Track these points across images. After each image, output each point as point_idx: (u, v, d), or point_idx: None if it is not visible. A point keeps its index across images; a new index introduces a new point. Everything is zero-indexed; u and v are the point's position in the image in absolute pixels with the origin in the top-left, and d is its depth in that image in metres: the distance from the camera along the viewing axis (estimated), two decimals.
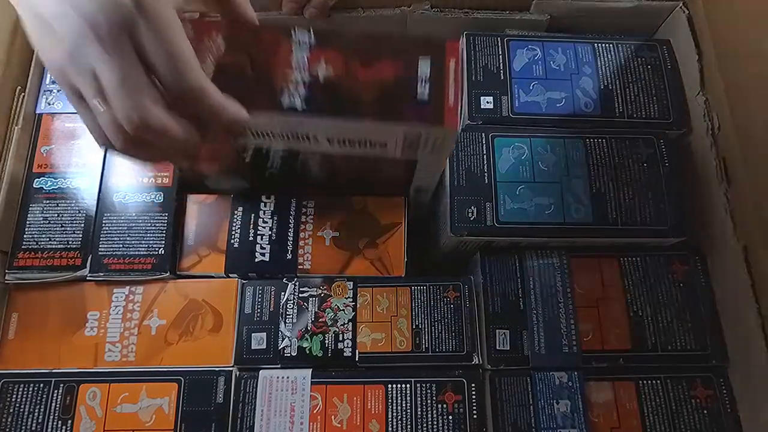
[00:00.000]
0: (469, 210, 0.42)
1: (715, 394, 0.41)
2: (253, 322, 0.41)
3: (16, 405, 0.39)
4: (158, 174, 0.43)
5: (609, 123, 0.45)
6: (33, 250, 0.42)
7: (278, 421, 0.39)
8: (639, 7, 0.48)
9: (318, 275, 0.43)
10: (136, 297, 0.42)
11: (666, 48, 0.48)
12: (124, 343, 0.41)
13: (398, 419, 0.39)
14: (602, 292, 0.43)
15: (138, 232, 0.42)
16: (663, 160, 0.44)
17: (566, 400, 0.40)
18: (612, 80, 0.46)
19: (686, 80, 0.47)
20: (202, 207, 0.44)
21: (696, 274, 0.44)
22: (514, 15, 0.49)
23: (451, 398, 0.39)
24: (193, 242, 0.43)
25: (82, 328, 0.41)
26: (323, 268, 0.43)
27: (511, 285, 0.43)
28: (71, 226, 0.42)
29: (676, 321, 0.42)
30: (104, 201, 0.43)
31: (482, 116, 0.45)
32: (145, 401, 0.39)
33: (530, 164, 0.44)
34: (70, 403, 0.39)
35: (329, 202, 0.44)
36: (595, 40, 0.48)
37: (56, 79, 0.27)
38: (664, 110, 0.46)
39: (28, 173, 0.44)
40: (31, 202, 0.43)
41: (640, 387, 0.41)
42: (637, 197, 0.43)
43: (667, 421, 0.40)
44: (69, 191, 0.43)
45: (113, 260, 0.41)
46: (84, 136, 0.44)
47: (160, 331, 0.41)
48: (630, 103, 0.46)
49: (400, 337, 0.41)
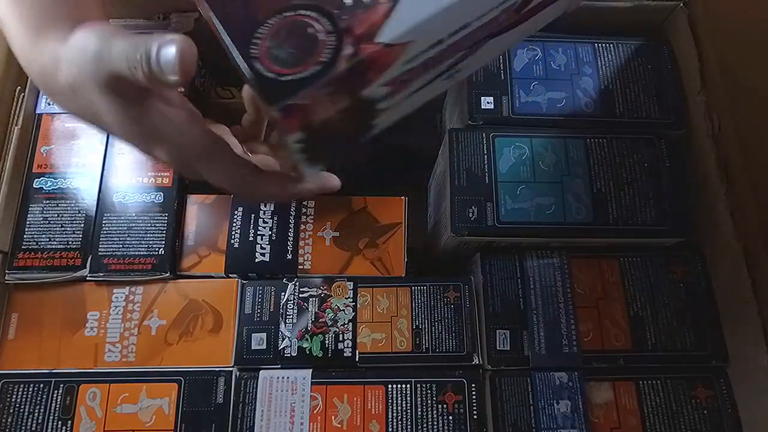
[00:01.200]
0: (470, 210, 0.42)
1: (715, 394, 0.41)
2: (253, 322, 0.41)
3: (16, 405, 0.39)
4: (158, 174, 0.43)
5: (609, 123, 0.45)
6: (33, 250, 0.42)
7: (278, 422, 0.39)
8: (639, 7, 0.48)
9: (318, 275, 0.43)
10: (136, 297, 0.42)
11: (666, 48, 0.48)
12: (124, 344, 0.41)
13: (398, 419, 0.39)
14: (602, 292, 0.43)
15: (138, 232, 0.42)
16: (663, 160, 0.44)
17: (566, 400, 0.40)
18: (612, 80, 0.46)
19: (686, 80, 0.47)
20: (202, 207, 0.44)
21: (696, 274, 0.44)
22: None
23: (452, 398, 0.39)
24: (193, 242, 0.43)
25: (82, 328, 0.41)
26: (323, 268, 0.43)
27: (511, 285, 0.43)
28: (71, 226, 0.42)
29: (676, 321, 0.42)
30: (104, 201, 0.43)
31: (483, 116, 0.45)
32: (145, 401, 0.39)
33: (531, 164, 0.44)
34: (70, 403, 0.39)
35: (329, 202, 0.44)
36: (596, 40, 0.48)
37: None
38: (665, 110, 0.46)
39: (28, 173, 0.43)
40: (31, 202, 0.43)
41: (640, 387, 0.41)
42: (637, 197, 0.43)
43: (667, 421, 0.40)
44: (69, 191, 0.43)
45: (113, 260, 0.41)
46: (84, 136, 0.44)
47: (160, 331, 0.41)
48: (630, 103, 0.46)
49: (400, 338, 0.41)
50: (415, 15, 0.23)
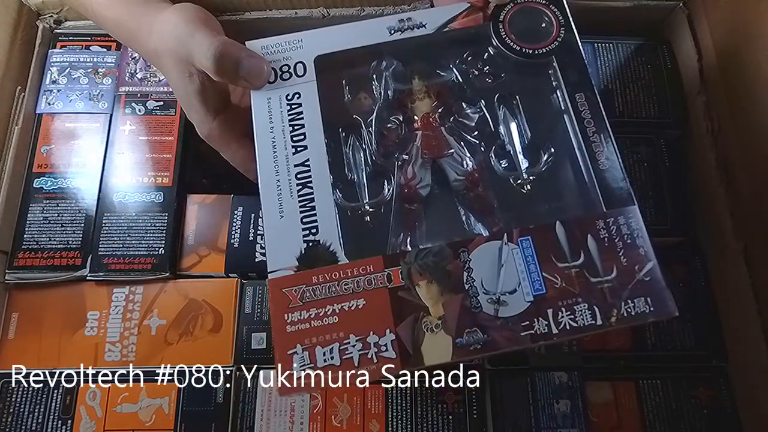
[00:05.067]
0: None
1: (715, 394, 0.41)
2: (253, 322, 0.41)
3: (16, 405, 0.39)
4: (158, 174, 0.43)
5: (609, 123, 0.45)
6: (33, 250, 0.42)
7: (278, 421, 0.39)
8: (639, 6, 0.48)
9: None
10: (136, 297, 0.42)
11: (666, 48, 0.48)
12: (124, 343, 0.41)
13: (398, 419, 0.39)
14: None
15: (138, 232, 0.42)
16: (663, 159, 0.44)
17: (566, 400, 0.40)
18: (612, 80, 0.46)
19: (686, 80, 0.47)
20: (202, 207, 0.44)
21: (696, 274, 0.44)
22: None
23: (452, 398, 0.39)
24: (193, 242, 0.43)
25: (82, 328, 0.41)
26: None
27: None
28: (71, 226, 0.42)
29: (676, 321, 0.42)
30: (104, 201, 0.43)
31: None
32: (145, 401, 0.39)
33: None
34: (70, 403, 0.39)
35: None
36: (596, 39, 0.48)
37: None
38: (664, 110, 0.46)
39: (28, 173, 0.44)
40: (31, 202, 0.43)
41: (640, 387, 0.41)
42: (637, 197, 0.43)
43: (667, 421, 0.40)
44: (69, 191, 0.43)
45: (113, 260, 0.41)
46: (84, 135, 0.44)
47: (160, 331, 0.41)
48: (630, 103, 0.46)
49: None
50: None
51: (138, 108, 0.45)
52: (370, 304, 0.30)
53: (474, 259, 0.30)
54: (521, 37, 0.35)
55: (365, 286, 0.30)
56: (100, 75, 0.46)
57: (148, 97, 0.45)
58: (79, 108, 0.45)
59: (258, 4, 0.46)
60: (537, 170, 0.34)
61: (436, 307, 0.29)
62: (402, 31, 0.34)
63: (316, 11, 0.46)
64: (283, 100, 0.33)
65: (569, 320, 0.29)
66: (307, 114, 0.33)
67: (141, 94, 0.46)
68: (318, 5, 0.46)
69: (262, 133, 0.33)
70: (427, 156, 0.35)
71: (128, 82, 0.46)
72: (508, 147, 0.35)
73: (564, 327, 0.29)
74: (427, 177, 0.34)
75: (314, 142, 0.33)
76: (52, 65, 0.46)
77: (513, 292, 0.29)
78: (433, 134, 0.35)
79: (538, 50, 0.34)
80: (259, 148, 0.33)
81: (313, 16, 0.46)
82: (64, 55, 0.47)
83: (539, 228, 0.30)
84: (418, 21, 0.35)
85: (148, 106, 0.45)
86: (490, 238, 0.30)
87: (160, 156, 0.44)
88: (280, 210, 0.32)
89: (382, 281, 0.30)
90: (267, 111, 0.33)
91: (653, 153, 0.44)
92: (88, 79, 0.46)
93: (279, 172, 0.32)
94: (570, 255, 0.30)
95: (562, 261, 0.29)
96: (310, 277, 0.30)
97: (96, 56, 0.47)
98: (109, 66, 0.46)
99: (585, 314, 0.29)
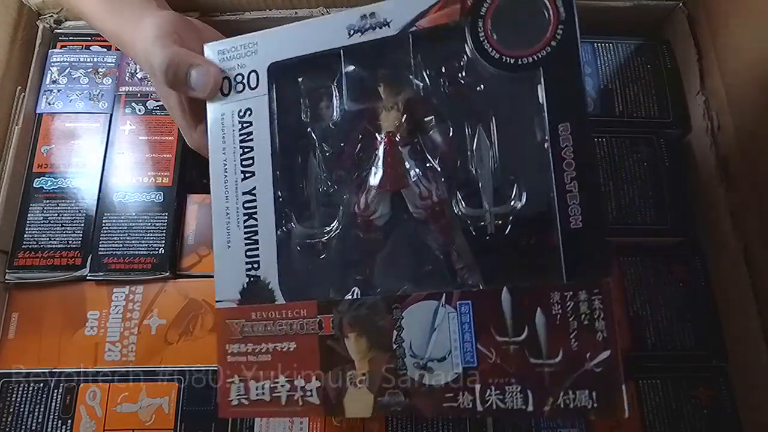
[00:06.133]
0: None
1: (715, 394, 0.41)
2: None
3: (16, 405, 0.39)
4: (158, 174, 0.43)
5: (609, 122, 0.45)
6: (33, 249, 0.42)
7: (278, 421, 0.39)
8: (639, 6, 0.48)
9: None
10: (136, 297, 0.42)
11: (666, 48, 0.48)
12: (124, 343, 0.41)
13: (398, 419, 0.39)
14: None
15: (138, 232, 0.42)
16: (663, 159, 0.44)
17: None
18: (612, 80, 0.46)
19: (686, 80, 0.47)
20: (202, 207, 0.44)
21: (696, 274, 0.43)
22: None
23: None
24: (193, 242, 0.43)
25: (82, 327, 0.41)
26: None
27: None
28: (71, 225, 0.42)
29: (676, 321, 0.42)
30: (104, 201, 0.43)
31: None
32: (145, 401, 0.39)
33: None
34: (70, 402, 0.39)
35: None
36: (595, 39, 0.48)
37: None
38: (664, 110, 0.46)
39: (28, 173, 0.44)
40: (31, 202, 0.43)
41: (640, 387, 0.41)
42: (637, 197, 0.43)
43: (667, 421, 0.40)
44: (69, 191, 0.43)
45: (113, 260, 0.41)
46: (84, 135, 0.44)
47: (160, 330, 0.41)
48: (630, 103, 0.46)
49: None
50: None
51: (138, 108, 0.45)
52: (301, 348, 0.29)
53: (407, 318, 0.28)
54: (505, 39, 0.28)
55: (297, 330, 0.29)
56: (100, 75, 0.46)
57: (148, 97, 0.46)
58: (79, 108, 0.45)
59: (258, 3, 0.46)
60: (503, 212, 0.30)
61: (363, 362, 0.28)
62: (362, 32, 0.30)
63: (316, 11, 0.46)
64: (235, 117, 0.32)
65: (497, 400, 0.26)
66: (257, 135, 0.31)
67: (141, 94, 0.46)
68: (318, 5, 0.46)
69: (215, 154, 0.32)
70: (382, 192, 0.32)
71: (128, 82, 0.46)
72: (474, 181, 0.31)
73: (490, 406, 0.26)
74: (383, 207, 0.32)
75: (262, 168, 0.31)
76: (52, 65, 0.46)
77: (442, 360, 0.27)
78: (392, 162, 0.31)
79: (523, 59, 0.28)
80: (213, 169, 0.32)
81: (313, 16, 0.46)
82: (64, 55, 0.47)
83: (482, 293, 0.27)
84: (381, 18, 0.30)
85: (148, 105, 0.45)
86: (428, 297, 0.28)
87: (160, 156, 0.44)
88: (227, 239, 0.31)
89: (313, 327, 0.29)
90: (221, 129, 0.32)
91: (653, 153, 0.44)
92: (88, 79, 0.46)
93: (228, 198, 0.31)
94: (512, 329, 0.26)
95: (502, 335, 0.27)
96: (250, 313, 0.30)
97: (96, 56, 0.47)
98: (109, 66, 0.46)
99: (516, 397, 0.26)
